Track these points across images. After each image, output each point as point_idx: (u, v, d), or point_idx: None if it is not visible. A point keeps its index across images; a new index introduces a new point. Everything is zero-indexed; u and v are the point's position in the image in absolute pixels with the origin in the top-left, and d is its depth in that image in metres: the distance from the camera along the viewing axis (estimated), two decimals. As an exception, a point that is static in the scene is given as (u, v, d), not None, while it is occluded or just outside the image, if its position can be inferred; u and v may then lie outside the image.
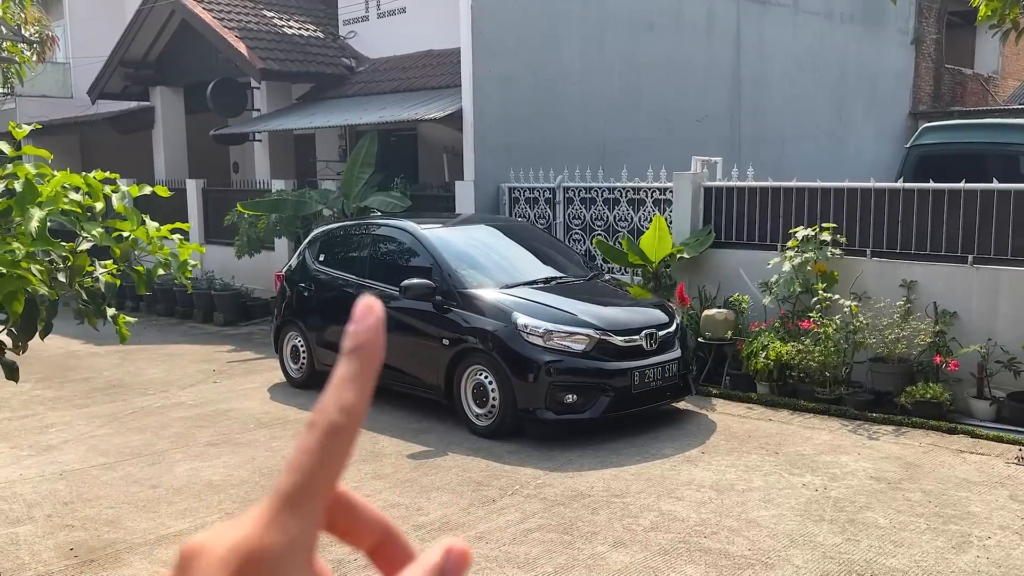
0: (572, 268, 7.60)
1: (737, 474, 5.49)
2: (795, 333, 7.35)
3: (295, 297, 8.28)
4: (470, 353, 6.53)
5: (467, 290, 6.71)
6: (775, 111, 14.15)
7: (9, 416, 7.42)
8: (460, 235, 7.60)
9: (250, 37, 13.51)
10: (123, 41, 15.12)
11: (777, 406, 7.12)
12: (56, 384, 8.62)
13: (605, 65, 11.54)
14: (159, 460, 6.10)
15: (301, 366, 8.19)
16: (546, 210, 10.03)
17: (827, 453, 5.90)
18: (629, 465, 5.70)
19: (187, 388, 8.36)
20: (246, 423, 7.03)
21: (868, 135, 16.27)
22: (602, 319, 6.41)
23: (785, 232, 7.85)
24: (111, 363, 9.69)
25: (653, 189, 9.02)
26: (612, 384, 6.20)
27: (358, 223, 8.29)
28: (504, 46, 10.46)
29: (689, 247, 8.33)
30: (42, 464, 6.07)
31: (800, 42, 14.52)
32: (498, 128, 10.45)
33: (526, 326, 6.25)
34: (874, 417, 6.65)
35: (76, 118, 17.45)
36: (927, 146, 8.79)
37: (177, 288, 13.13)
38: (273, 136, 13.92)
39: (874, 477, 5.41)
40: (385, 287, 7.31)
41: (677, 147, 11.28)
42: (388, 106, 11.73)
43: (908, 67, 17.39)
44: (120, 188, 3.26)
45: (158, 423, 7.09)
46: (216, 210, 13.81)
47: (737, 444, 6.12)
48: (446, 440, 6.37)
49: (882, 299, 7.17)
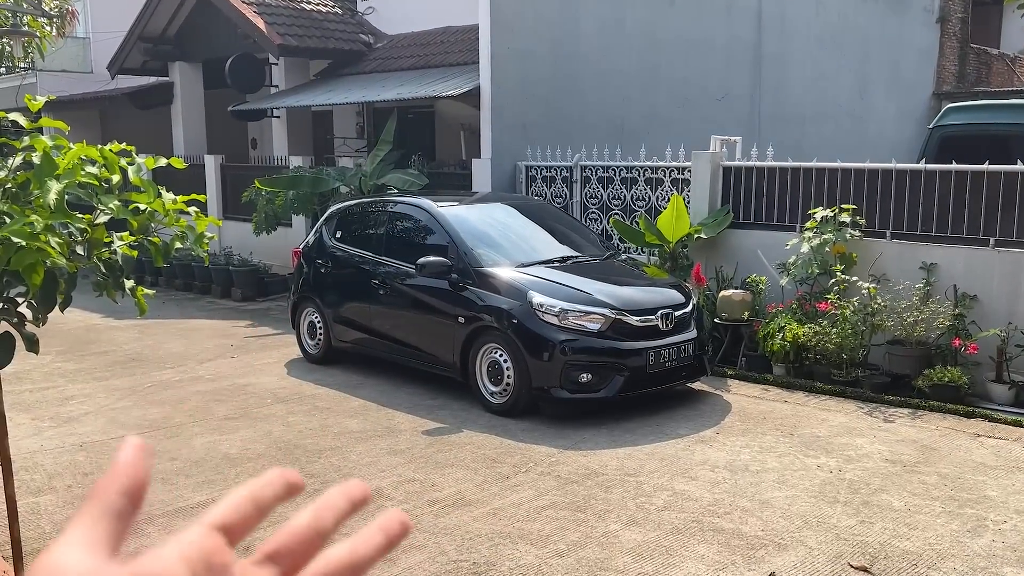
0: (588, 247, 7.58)
1: (751, 455, 5.48)
2: (812, 315, 7.30)
3: (312, 274, 8.31)
4: (485, 331, 6.54)
5: (483, 268, 6.70)
6: (796, 90, 13.98)
7: (30, 388, 7.52)
8: (476, 213, 7.59)
9: (268, 13, 13.48)
10: (142, 16, 15.12)
11: (793, 388, 7.09)
12: (76, 357, 8.72)
13: (624, 42, 11.42)
14: (177, 433, 6.17)
15: (318, 342, 8.24)
16: (563, 189, 9.99)
17: (842, 435, 5.88)
18: (643, 444, 5.70)
19: (205, 363, 8.43)
20: (263, 398, 7.09)
21: (890, 115, 16.05)
22: (618, 299, 6.40)
23: (804, 213, 7.78)
24: (130, 337, 9.78)
25: (671, 168, 8.96)
26: (627, 364, 6.19)
27: (374, 200, 8.30)
28: (522, 22, 10.37)
29: (707, 227, 8.27)
30: (62, 436, 6.15)
31: (823, 20, 14.31)
32: (515, 105, 10.39)
33: (541, 305, 6.24)
34: (891, 400, 6.61)
35: (96, 93, 17.52)
36: (950, 127, 8.65)
37: (195, 263, 13.22)
38: (291, 112, 13.92)
39: (889, 460, 5.38)
40: (401, 264, 7.32)
41: (696, 126, 11.19)
42: (406, 83, 11.69)
43: (932, 46, 17.11)
44: (136, 161, 3.27)
45: (176, 397, 7.16)
46: (234, 186, 13.85)
47: (752, 425, 6.11)
48: (461, 417, 6.40)
49: (901, 281, 7.11)
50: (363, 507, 0.51)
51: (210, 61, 15.13)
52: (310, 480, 5.17)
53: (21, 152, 3.28)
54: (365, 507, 0.51)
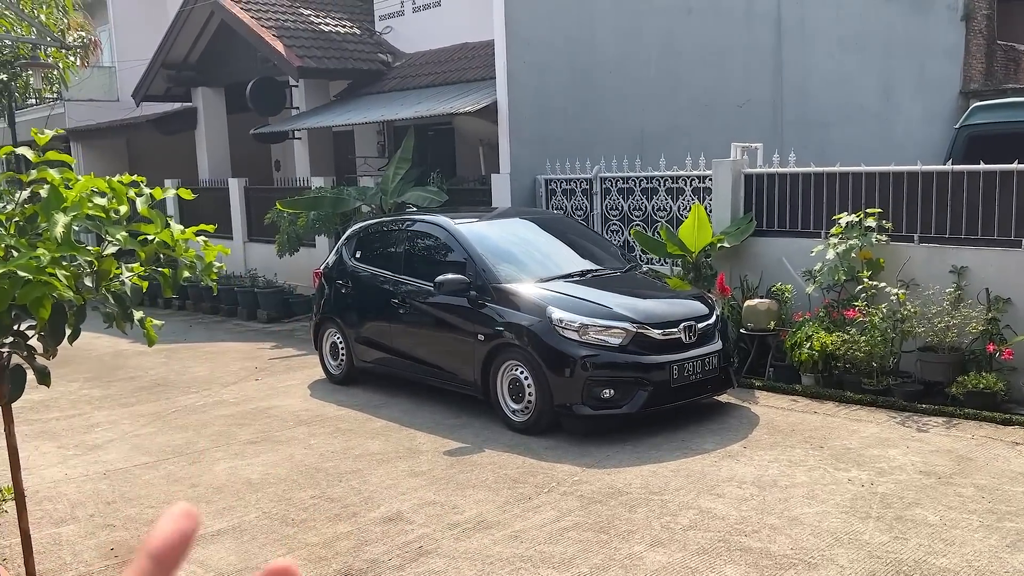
0: (609, 260, 7.49)
1: (780, 469, 5.34)
2: (840, 322, 7.14)
3: (333, 294, 8.31)
4: (505, 348, 6.47)
5: (501, 284, 6.64)
6: (819, 94, 13.79)
7: (57, 416, 7.58)
8: (494, 229, 7.54)
9: (287, 35, 13.60)
10: (164, 43, 15.34)
11: (822, 398, 6.93)
12: (104, 383, 8.78)
13: (642, 52, 11.35)
14: (200, 459, 6.16)
15: (340, 362, 8.22)
16: (583, 201, 9.91)
17: (874, 446, 5.72)
18: (668, 461, 5.59)
19: (229, 386, 8.45)
20: (286, 420, 7.07)
21: (917, 116, 15.77)
22: (639, 312, 6.30)
23: (828, 219, 7.64)
24: (157, 362, 9.84)
25: (692, 177, 8.85)
26: (650, 378, 6.09)
27: (393, 219, 8.28)
28: (538, 36, 10.35)
29: (730, 236, 8.15)
30: (87, 463, 6.17)
31: (844, 22, 14.12)
32: (533, 120, 10.35)
33: (561, 320, 6.16)
34: (924, 408, 6.43)
35: (122, 121, 17.79)
36: (977, 126, 8.46)
37: (223, 287, 13.32)
38: (312, 134, 14.01)
39: (923, 471, 5.22)
40: (420, 283, 7.28)
41: (718, 134, 11.05)
42: (424, 100, 11.71)
43: (958, 44, 16.82)
44: (144, 191, 3.26)
45: (200, 421, 7.17)
46: (258, 208, 13.95)
47: (781, 438, 5.97)
48: (482, 436, 6.33)
49: (931, 286, 6.93)
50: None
51: (232, 85, 15.29)
52: (330, 504, 5.13)
53: (29, 185, 3.29)
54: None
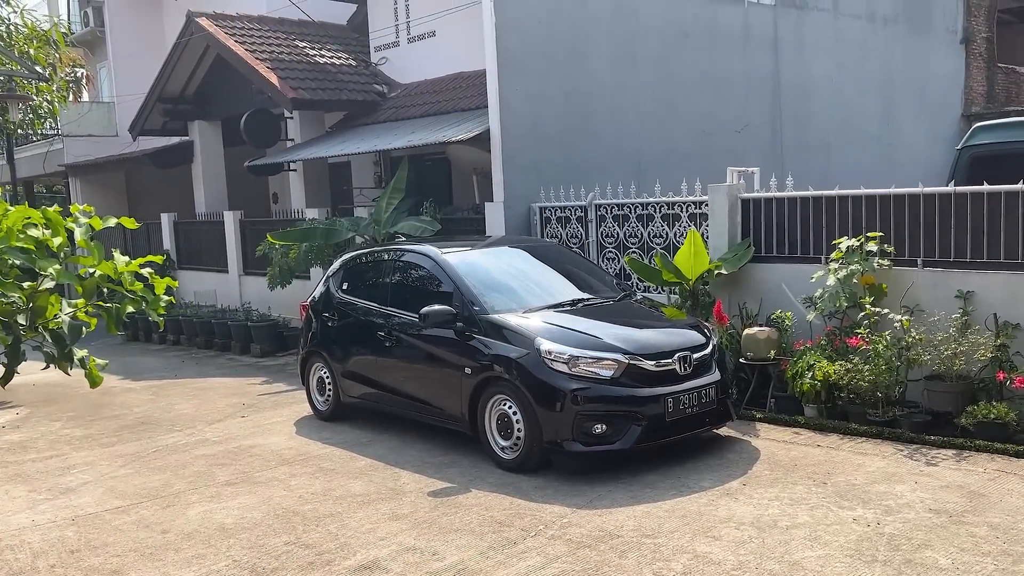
0: (601, 289, 7.25)
1: (781, 508, 5.04)
2: (843, 351, 6.87)
3: (320, 327, 8.08)
4: (494, 382, 6.21)
5: (489, 315, 6.40)
6: (819, 118, 13.61)
7: (34, 457, 7.33)
8: (484, 258, 7.31)
9: (282, 67, 13.52)
10: (161, 77, 15.30)
11: (826, 430, 6.63)
12: (86, 422, 8.53)
13: (638, 77, 11.19)
14: (174, 502, 5.89)
15: (327, 398, 7.97)
16: (578, 229, 9.70)
17: (880, 482, 5.42)
18: (663, 500, 5.29)
19: (214, 424, 8.19)
20: (268, 460, 6.81)
21: (919, 139, 15.59)
22: (631, 342, 6.04)
23: (828, 244, 7.39)
24: (143, 399, 9.59)
25: (688, 203, 8.63)
26: (644, 412, 5.81)
27: (381, 250, 8.07)
28: (531, 63, 10.20)
29: (727, 262, 7.90)
30: (56, 508, 5.91)
31: (842, 46, 13.98)
32: (527, 147, 10.17)
33: (550, 352, 5.91)
34: (932, 440, 6.13)
35: (119, 155, 17.73)
36: (979, 146, 8.23)
37: (216, 321, 13.12)
38: (307, 165, 13.88)
39: (934, 509, 4.91)
40: (407, 315, 7.05)
41: (717, 159, 10.85)
42: (418, 130, 11.57)
43: (959, 67, 16.68)
44: (82, 221, 3.05)
45: (179, 462, 6.91)
46: (254, 241, 13.77)
47: (782, 474, 5.67)
48: (470, 475, 6.04)
49: (936, 312, 6.66)
50: None
51: (229, 119, 15.22)
52: (304, 551, 4.85)
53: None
54: None
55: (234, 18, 14.65)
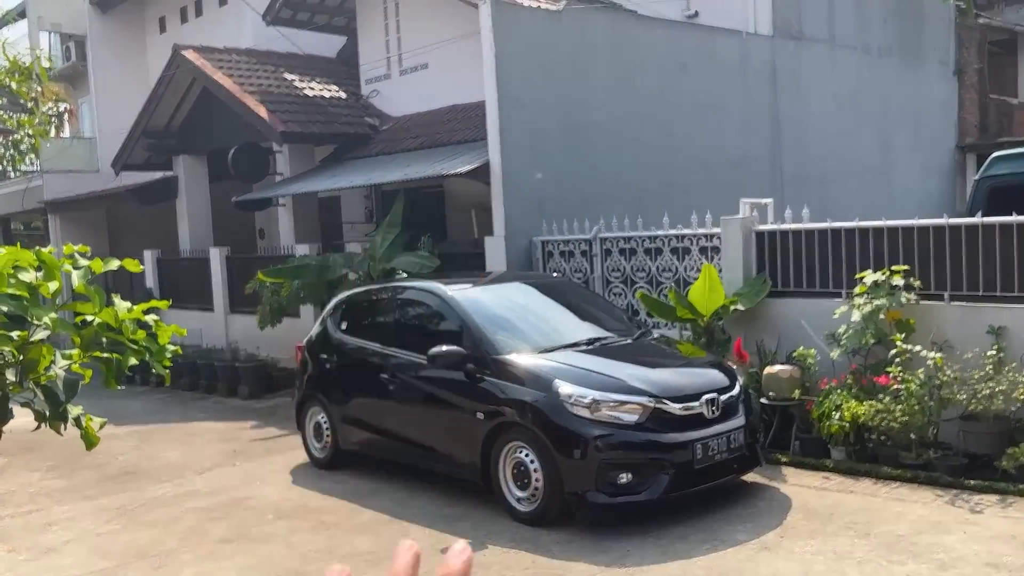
0: (616, 326, 6.92)
1: (827, 564, 4.69)
2: (871, 390, 6.55)
3: (317, 369, 7.68)
4: (508, 427, 5.83)
5: (502, 356, 6.04)
6: (817, 150, 13.48)
7: (12, 513, 6.84)
8: (492, 295, 6.97)
9: (271, 100, 13.22)
10: (145, 111, 14.96)
11: (857, 474, 6.29)
12: (67, 472, 8.04)
13: (637, 110, 10.99)
14: (165, 562, 5.44)
15: (325, 444, 7.54)
16: (582, 263, 9.39)
17: (927, 532, 5.08)
18: (697, 556, 4.92)
19: (204, 473, 7.73)
20: (264, 513, 6.37)
21: (914, 171, 15.52)
22: (656, 384, 5.69)
23: (849, 277, 7.12)
24: (128, 446, 9.11)
25: (699, 236, 8.35)
26: (671, 459, 5.45)
27: (382, 287, 7.72)
28: (531, 95, 9.97)
29: (743, 297, 7.61)
30: (39, 570, 5.44)
31: (838, 78, 13.91)
32: (528, 180, 9.89)
33: (570, 395, 5.55)
34: (972, 485, 5.80)
35: (101, 192, 17.30)
36: (998, 177, 8.03)
37: (202, 361, 12.65)
38: (297, 200, 13.52)
39: (990, 563, 4.58)
40: (412, 355, 6.67)
41: (717, 191, 10.63)
42: (413, 163, 11.28)
43: (952, 99, 16.71)
44: (80, 263, 2.69)
45: (169, 516, 6.45)
46: (241, 278, 13.35)
47: (820, 524, 5.32)
48: (484, 529, 5.64)
49: (967, 348, 6.37)
50: None
51: (214, 153, 14.85)
52: (312, 620, 4.42)
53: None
54: None
55: (221, 51, 14.37)
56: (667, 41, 11.53)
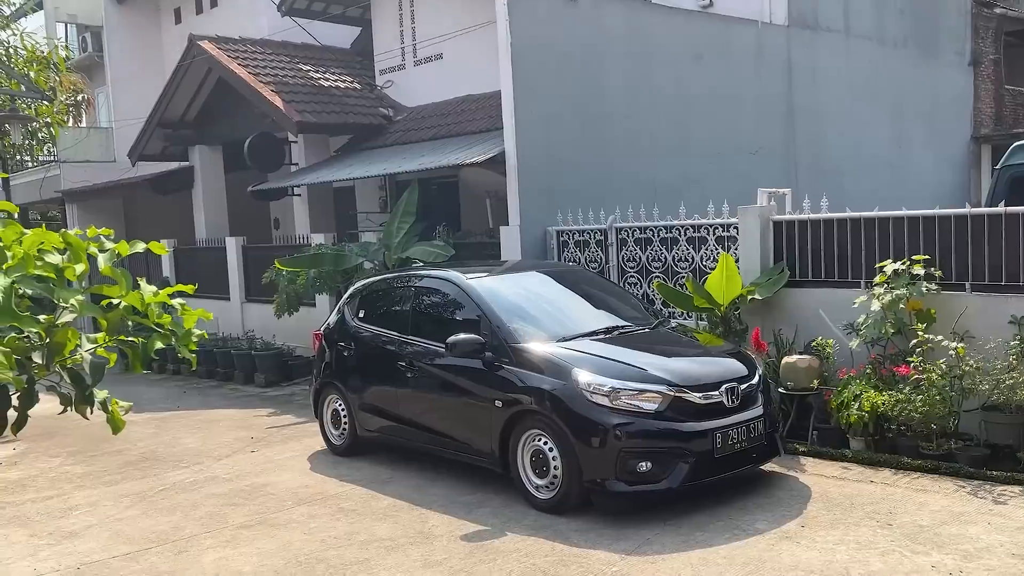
0: (634, 315, 6.90)
1: (849, 553, 4.67)
2: (890, 380, 6.52)
3: (334, 357, 7.70)
4: (526, 416, 5.83)
5: (520, 344, 6.03)
6: (831, 141, 13.39)
7: (33, 498, 6.89)
8: (509, 284, 6.96)
9: (286, 91, 13.25)
10: (161, 101, 15.01)
11: (876, 464, 6.26)
12: (87, 458, 8.10)
13: (652, 100, 10.94)
14: (187, 547, 5.48)
15: (343, 431, 7.57)
16: (597, 253, 9.37)
17: (950, 523, 5.05)
18: (718, 545, 4.91)
19: (222, 459, 7.77)
20: (283, 500, 6.39)
21: (929, 162, 15.41)
22: (675, 373, 5.68)
23: (868, 267, 7.07)
24: (147, 432, 9.17)
25: (715, 226, 8.32)
26: (691, 448, 5.44)
27: (399, 275, 7.72)
28: (546, 86, 9.93)
29: (761, 287, 7.58)
30: (60, 555, 5.48)
31: (854, 69, 13.81)
32: (543, 170, 9.87)
33: (589, 384, 5.54)
34: (995, 476, 5.76)
35: (118, 181, 17.37)
36: (1020, 166, 7.97)
37: (219, 349, 12.71)
38: (312, 190, 13.56)
39: (1016, 555, 4.55)
40: (430, 343, 6.68)
41: (732, 182, 10.58)
42: (427, 153, 11.28)
43: (967, 90, 16.56)
44: (107, 247, 2.70)
45: (189, 502, 6.49)
46: (257, 268, 13.40)
47: (841, 514, 5.30)
48: (503, 516, 5.65)
49: (989, 338, 6.32)
50: None
51: (230, 143, 14.90)
52: (334, 605, 4.44)
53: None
54: None
55: (237, 41, 14.39)
56: (682, 31, 11.47)
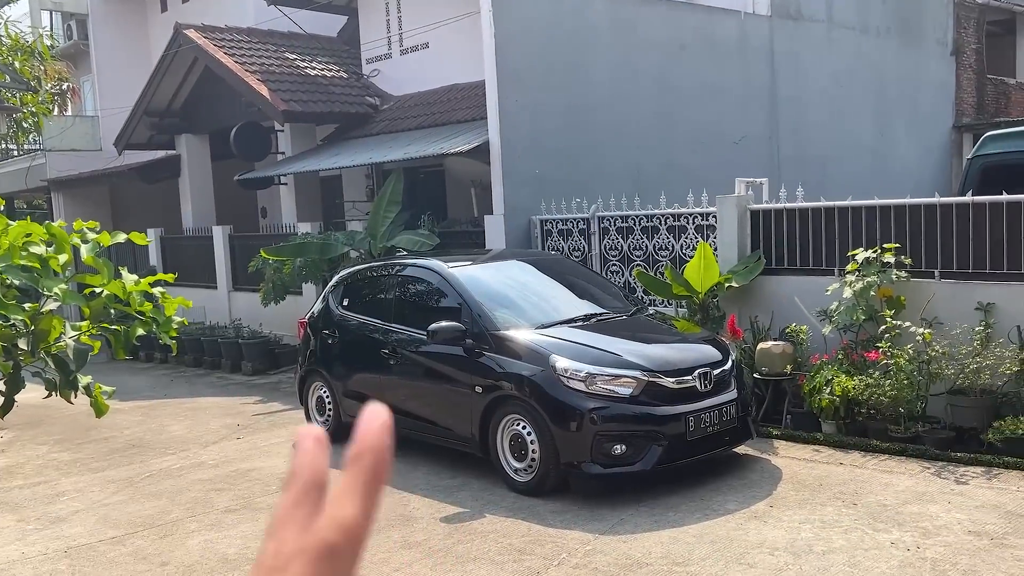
0: (613, 303, 7.05)
1: (814, 532, 4.84)
2: (861, 365, 6.69)
3: (319, 345, 7.82)
4: (506, 401, 5.98)
5: (500, 332, 6.17)
6: (815, 130, 13.54)
7: (21, 484, 7.00)
8: (491, 272, 7.09)
9: (272, 80, 13.28)
10: (147, 90, 15.01)
11: (847, 447, 6.44)
12: (74, 446, 8.21)
13: (637, 90, 11.05)
14: (172, 531, 5.61)
15: (327, 418, 7.70)
16: (580, 242, 9.50)
17: (912, 502, 5.23)
18: (689, 524, 5.07)
19: (209, 446, 7.90)
20: (268, 484, 6.53)
21: (911, 150, 15.58)
22: (650, 359, 5.83)
23: (842, 255, 7.23)
24: (134, 420, 9.28)
25: (695, 215, 8.46)
26: (664, 431, 5.60)
27: (382, 264, 7.83)
28: (530, 75, 10.03)
29: (738, 275, 7.73)
30: (48, 539, 5.60)
31: (837, 58, 13.94)
32: (527, 159, 9.99)
33: (566, 370, 5.69)
34: (959, 457, 5.95)
35: (104, 170, 17.37)
36: (991, 156, 8.12)
37: (205, 338, 12.80)
38: (298, 179, 13.62)
39: (973, 532, 4.73)
40: (412, 331, 6.81)
41: (715, 171, 10.71)
42: (414, 142, 11.36)
43: (949, 79, 16.71)
44: (89, 237, 2.81)
45: (175, 487, 6.61)
46: (243, 256, 13.48)
47: (809, 494, 5.47)
48: (482, 499, 5.80)
49: (956, 324, 6.50)
50: None
51: (217, 132, 14.93)
52: (315, 584, 4.58)
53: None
54: None
55: (223, 30, 14.40)
56: (666, 21, 11.57)
